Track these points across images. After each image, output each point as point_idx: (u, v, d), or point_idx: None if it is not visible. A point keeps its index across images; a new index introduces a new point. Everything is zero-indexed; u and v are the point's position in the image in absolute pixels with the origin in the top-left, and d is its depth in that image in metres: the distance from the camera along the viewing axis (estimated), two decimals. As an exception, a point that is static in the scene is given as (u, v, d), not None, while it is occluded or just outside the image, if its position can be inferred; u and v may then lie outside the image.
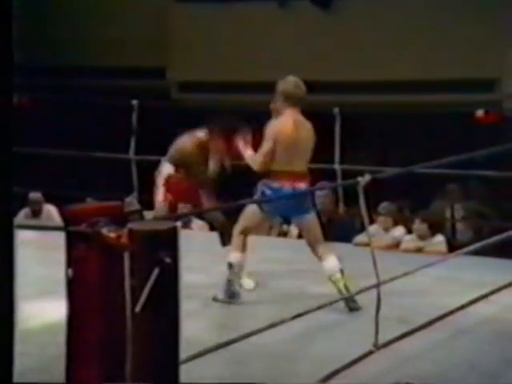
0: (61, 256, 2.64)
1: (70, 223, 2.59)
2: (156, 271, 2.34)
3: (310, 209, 3.72)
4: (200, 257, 4.28)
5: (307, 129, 3.76)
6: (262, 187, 3.71)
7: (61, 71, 7.34)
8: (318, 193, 5.42)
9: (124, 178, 5.45)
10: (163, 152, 5.75)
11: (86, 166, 5.61)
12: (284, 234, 5.62)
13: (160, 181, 4.22)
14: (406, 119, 6.55)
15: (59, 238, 3.60)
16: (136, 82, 7.03)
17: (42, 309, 3.55)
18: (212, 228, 5.80)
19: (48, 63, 7.43)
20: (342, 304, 3.18)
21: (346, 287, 3.55)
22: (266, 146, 3.67)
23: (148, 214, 4.14)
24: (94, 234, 2.46)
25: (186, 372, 2.40)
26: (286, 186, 3.63)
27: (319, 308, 3.07)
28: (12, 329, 1.45)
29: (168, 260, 2.38)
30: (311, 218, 3.70)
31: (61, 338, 2.46)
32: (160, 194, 4.20)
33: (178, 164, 4.22)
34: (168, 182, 4.19)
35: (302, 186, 3.68)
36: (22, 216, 5.65)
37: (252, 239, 5.45)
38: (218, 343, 2.65)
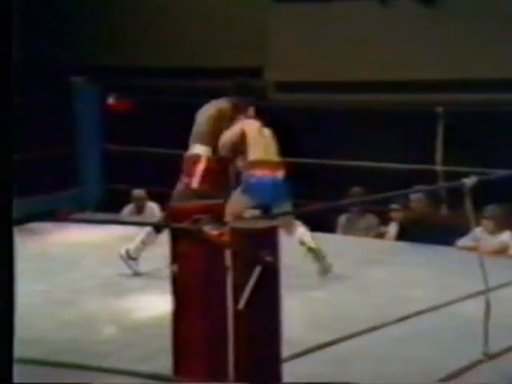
0: (162, 252, 2.72)
1: (173, 220, 2.66)
2: (258, 269, 2.36)
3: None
4: (296, 256, 4.29)
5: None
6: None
7: (160, 72, 7.54)
8: (412, 196, 5.28)
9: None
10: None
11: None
12: (381, 236, 5.53)
13: (199, 166, 4.06)
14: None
15: (161, 235, 3.70)
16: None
17: (148, 302, 3.67)
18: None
19: (148, 64, 7.66)
20: (446, 309, 3.08)
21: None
22: None
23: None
24: (196, 232, 2.51)
25: (286, 370, 2.41)
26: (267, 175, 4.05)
27: (421, 312, 2.99)
28: (12, 329, 1.45)
29: (269, 258, 2.40)
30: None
31: (166, 331, 2.53)
32: (195, 182, 4.04)
33: (209, 141, 4.07)
34: (207, 170, 4.05)
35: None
36: (126, 212, 5.86)
37: (349, 240, 5.40)
38: (318, 343, 2.64)
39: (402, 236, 5.25)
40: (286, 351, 2.43)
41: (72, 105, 5.76)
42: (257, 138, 4.07)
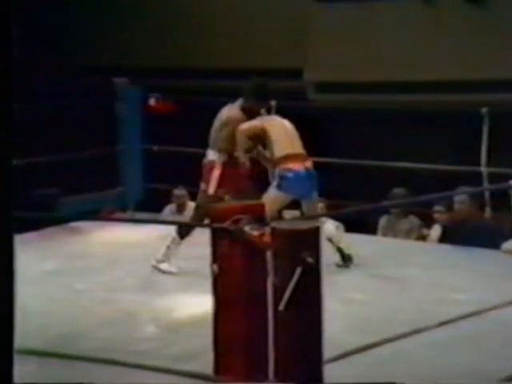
0: (202, 251, 2.72)
1: (214, 220, 2.66)
2: (299, 270, 2.35)
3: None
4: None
5: None
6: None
7: (201, 73, 7.58)
8: (456, 198, 5.18)
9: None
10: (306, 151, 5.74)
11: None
12: (423, 238, 5.45)
13: (215, 172, 4.12)
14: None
15: (200, 234, 3.71)
16: (272, 82, 7.10)
17: (188, 301, 3.68)
18: (347, 229, 5.73)
19: (189, 65, 7.70)
20: (489, 314, 3.02)
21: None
22: None
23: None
24: (237, 232, 2.51)
25: (326, 372, 2.39)
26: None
27: (464, 316, 2.93)
28: (12, 329, 1.46)
29: (310, 260, 2.38)
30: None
31: (204, 330, 2.53)
32: (212, 188, 4.11)
33: (224, 147, 4.12)
34: (222, 175, 4.10)
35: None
36: (167, 212, 5.90)
37: (390, 241, 5.31)
38: (359, 345, 2.61)
39: (444, 238, 5.16)
40: (326, 352, 2.41)
41: (114, 106, 5.82)
42: (280, 133, 4.08)
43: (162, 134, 5.76)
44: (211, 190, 4.14)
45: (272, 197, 4.00)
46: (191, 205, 5.80)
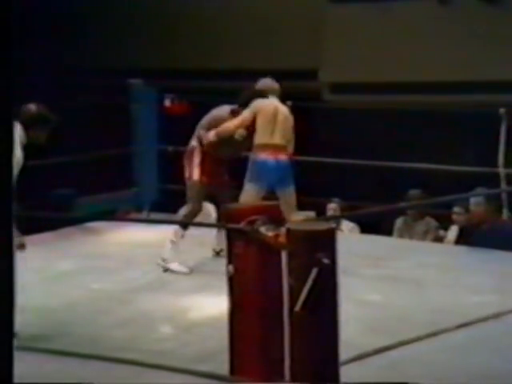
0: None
1: (230, 221, 2.67)
2: (315, 271, 2.34)
3: (291, 183, 4.15)
4: (353, 259, 4.23)
5: (284, 111, 4.27)
6: (250, 162, 4.11)
7: (217, 74, 7.59)
8: (472, 200, 5.14)
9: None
10: (316, 152, 5.74)
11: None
12: (440, 240, 5.41)
13: (195, 158, 4.28)
14: None
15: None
16: (288, 83, 7.09)
17: (203, 301, 3.69)
18: (363, 230, 5.71)
19: (205, 67, 7.72)
20: (506, 316, 2.99)
21: None
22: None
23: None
24: (252, 232, 2.51)
25: (341, 373, 2.39)
26: (270, 158, 4.09)
27: (481, 319, 2.91)
28: (12, 329, 1.46)
29: (326, 261, 2.38)
30: (291, 191, 4.13)
31: (220, 331, 2.53)
32: (196, 174, 4.26)
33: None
34: (203, 161, 4.24)
35: (283, 157, 4.12)
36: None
37: (406, 243, 5.28)
38: (374, 347, 2.60)
39: (461, 240, 5.12)
40: (341, 354, 2.40)
41: (130, 107, 5.85)
42: (263, 121, 4.12)
43: (177, 135, 5.77)
44: (195, 176, 4.29)
45: (245, 189, 4.08)
46: (206, 205, 5.81)
